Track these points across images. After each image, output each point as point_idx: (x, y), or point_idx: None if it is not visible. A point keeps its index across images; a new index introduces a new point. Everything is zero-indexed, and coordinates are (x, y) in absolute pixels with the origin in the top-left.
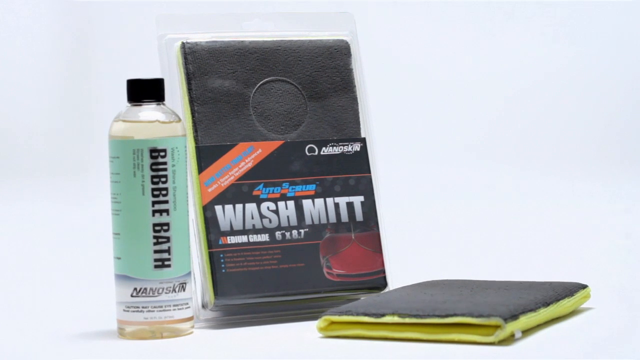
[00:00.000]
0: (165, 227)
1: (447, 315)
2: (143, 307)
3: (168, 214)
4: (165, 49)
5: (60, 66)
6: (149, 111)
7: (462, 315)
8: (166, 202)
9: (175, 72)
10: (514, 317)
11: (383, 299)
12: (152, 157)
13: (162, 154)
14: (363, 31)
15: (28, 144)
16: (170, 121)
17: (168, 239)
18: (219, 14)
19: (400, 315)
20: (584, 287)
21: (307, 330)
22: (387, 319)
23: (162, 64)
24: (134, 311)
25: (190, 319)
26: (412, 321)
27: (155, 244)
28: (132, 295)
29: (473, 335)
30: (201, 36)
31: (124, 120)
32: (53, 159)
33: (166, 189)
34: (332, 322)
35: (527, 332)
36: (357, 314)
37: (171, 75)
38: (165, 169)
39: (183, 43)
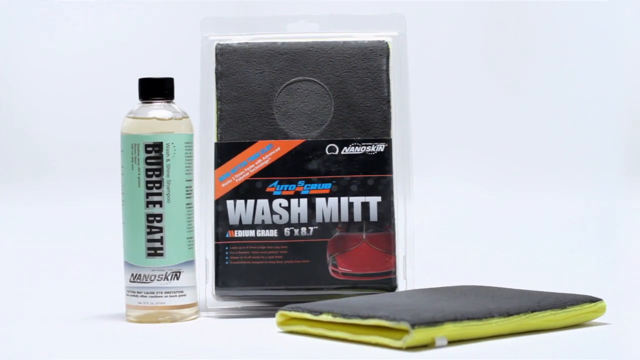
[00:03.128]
0: (158, 218)
1: (367, 317)
2: (137, 292)
3: (161, 206)
4: (208, 50)
5: (110, 67)
6: (153, 109)
7: (379, 317)
8: (159, 194)
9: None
10: (435, 323)
11: (346, 299)
12: (146, 151)
13: (157, 148)
14: (420, 32)
15: (78, 142)
16: (169, 118)
17: (161, 229)
18: (264, 16)
19: (333, 314)
20: (594, 300)
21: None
22: (323, 317)
23: (203, 64)
24: (131, 295)
25: (185, 306)
26: (340, 320)
27: (148, 233)
28: (130, 281)
29: (387, 339)
30: (242, 38)
31: (130, 117)
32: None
33: (160, 182)
34: (291, 318)
35: (480, 339)
36: (302, 311)
37: (210, 75)
38: (159, 163)
39: (216, 44)
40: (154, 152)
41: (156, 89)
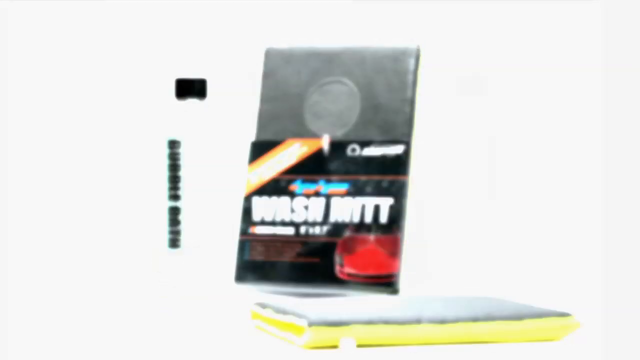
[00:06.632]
0: (177, 211)
1: (286, 314)
2: (160, 280)
3: (180, 200)
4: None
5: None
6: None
7: (292, 315)
8: (179, 188)
9: None
10: (339, 324)
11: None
12: (169, 147)
13: (177, 145)
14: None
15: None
16: None
17: (180, 222)
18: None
19: (273, 310)
20: (563, 315)
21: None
22: (266, 311)
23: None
24: (157, 283)
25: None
26: (275, 317)
27: (169, 225)
28: (157, 269)
29: (297, 337)
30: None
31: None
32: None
33: (178, 177)
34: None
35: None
36: (256, 305)
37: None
38: (178, 159)
39: (266, 48)
40: (176, 149)
41: (187, 89)
